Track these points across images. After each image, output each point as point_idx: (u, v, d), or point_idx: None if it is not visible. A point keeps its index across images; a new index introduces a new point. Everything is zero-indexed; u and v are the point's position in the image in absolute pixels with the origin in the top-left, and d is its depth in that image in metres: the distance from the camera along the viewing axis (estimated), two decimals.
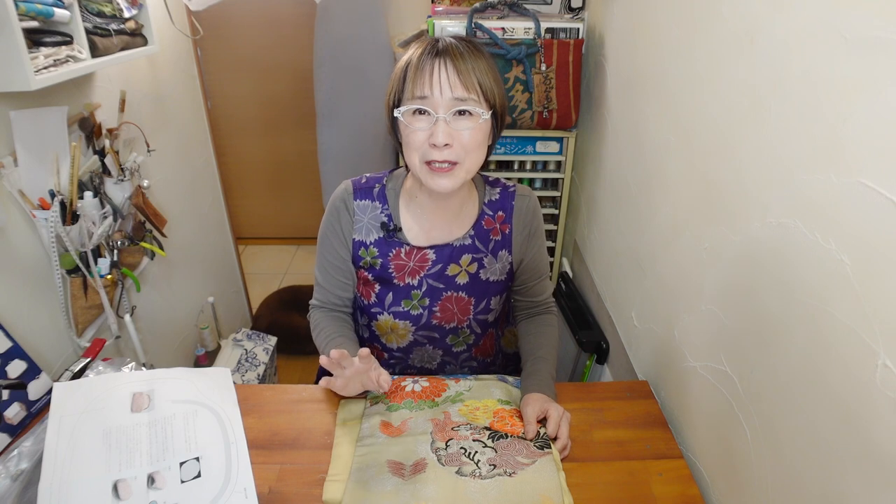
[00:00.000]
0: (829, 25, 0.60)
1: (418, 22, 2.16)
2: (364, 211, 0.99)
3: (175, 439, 0.85)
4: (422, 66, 0.84)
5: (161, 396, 0.90)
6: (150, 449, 0.83)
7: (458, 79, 0.83)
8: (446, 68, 0.83)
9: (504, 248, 1.01)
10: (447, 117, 0.83)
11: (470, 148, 0.86)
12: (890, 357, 0.52)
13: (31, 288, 1.13)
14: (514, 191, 1.02)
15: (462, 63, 0.83)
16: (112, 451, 0.82)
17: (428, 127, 0.84)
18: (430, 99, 0.83)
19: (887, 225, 0.52)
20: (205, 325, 1.96)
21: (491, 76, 0.87)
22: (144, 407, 0.87)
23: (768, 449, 0.71)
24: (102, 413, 0.86)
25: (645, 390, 1.05)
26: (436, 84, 0.83)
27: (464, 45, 0.86)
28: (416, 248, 0.98)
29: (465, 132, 0.84)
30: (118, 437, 0.83)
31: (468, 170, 0.88)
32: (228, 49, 2.86)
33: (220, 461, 0.84)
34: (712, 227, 0.86)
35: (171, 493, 0.79)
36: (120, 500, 0.77)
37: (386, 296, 1.02)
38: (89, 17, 1.17)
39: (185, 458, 0.83)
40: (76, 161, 1.17)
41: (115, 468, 0.80)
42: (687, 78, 0.95)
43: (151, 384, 0.91)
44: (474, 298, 1.02)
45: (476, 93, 0.84)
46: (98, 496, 0.77)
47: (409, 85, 0.85)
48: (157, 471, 0.81)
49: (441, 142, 0.83)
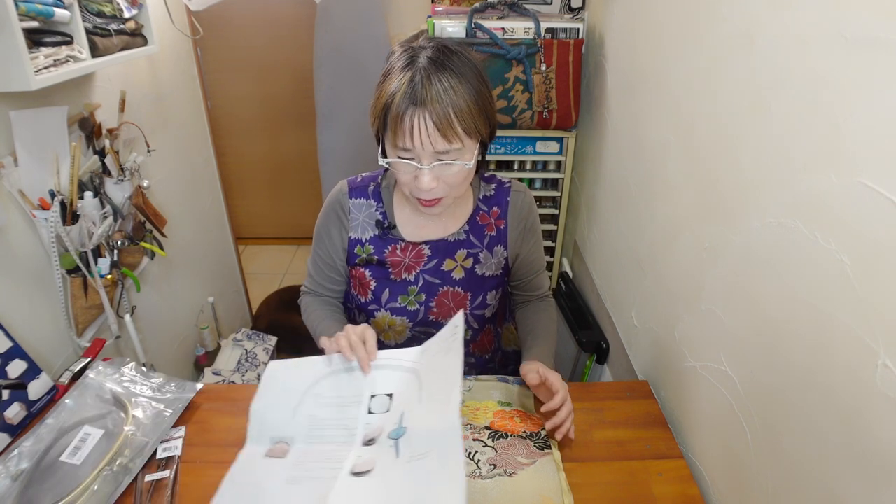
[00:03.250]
0: (829, 25, 0.60)
1: (418, 22, 2.16)
2: (359, 209, 1.00)
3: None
4: (401, 117, 0.79)
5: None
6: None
7: (438, 133, 0.79)
8: (425, 122, 0.79)
9: (499, 244, 1.02)
10: (430, 166, 0.82)
11: (456, 183, 0.86)
12: (890, 357, 0.52)
13: (31, 288, 1.13)
14: (509, 186, 1.03)
15: (441, 111, 0.78)
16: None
17: (413, 171, 0.84)
18: (413, 151, 0.82)
19: (887, 225, 0.52)
20: (205, 325, 1.96)
21: (476, 109, 0.81)
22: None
23: (768, 449, 0.71)
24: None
25: (645, 390, 1.05)
26: (416, 138, 0.80)
27: (444, 75, 0.79)
28: (411, 244, 0.99)
29: (450, 175, 0.85)
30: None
31: (456, 196, 0.90)
32: (228, 49, 2.86)
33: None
34: (712, 227, 0.86)
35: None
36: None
37: (382, 292, 1.02)
38: (89, 17, 1.17)
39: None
40: (76, 161, 1.17)
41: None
42: (687, 78, 0.95)
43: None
44: (470, 293, 1.03)
45: (459, 139, 0.81)
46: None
47: (390, 131, 0.82)
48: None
49: (426, 187, 0.83)
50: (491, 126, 0.88)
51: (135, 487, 0.84)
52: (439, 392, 0.80)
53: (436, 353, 0.85)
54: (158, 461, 0.88)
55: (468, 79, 0.82)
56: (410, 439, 0.78)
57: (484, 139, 0.88)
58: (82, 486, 0.81)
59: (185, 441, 0.92)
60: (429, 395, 0.81)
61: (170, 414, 0.95)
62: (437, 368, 0.83)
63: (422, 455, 0.75)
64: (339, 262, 1.04)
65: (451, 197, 0.89)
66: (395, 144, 0.83)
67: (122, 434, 0.90)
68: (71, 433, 0.90)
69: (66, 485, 0.82)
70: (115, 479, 0.83)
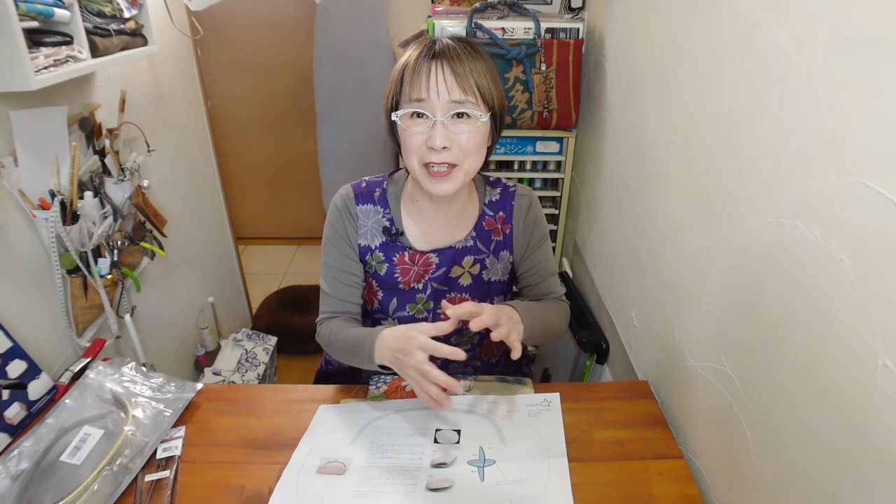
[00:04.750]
0: (829, 25, 0.60)
1: (418, 22, 2.16)
2: (367, 215, 0.98)
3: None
4: (418, 69, 0.83)
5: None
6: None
7: (455, 81, 0.82)
8: (443, 70, 0.82)
9: (505, 249, 1.01)
10: (445, 120, 0.83)
11: (468, 150, 0.85)
12: (890, 357, 0.52)
13: (31, 288, 1.13)
14: (514, 190, 1.02)
15: (459, 65, 0.82)
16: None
17: (426, 130, 0.83)
18: (427, 102, 0.82)
19: (887, 225, 0.52)
20: (205, 325, 1.96)
21: (489, 77, 0.86)
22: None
23: (768, 449, 0.71)
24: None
25: (645, 390, 1.05)
26: (433, 87, 0.82)
27: (461, 46, 0.85)
28: (420, 252, 0.98)
29: (463, 135, 0.84)
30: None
31: (467, 172, 0.87)
32: (228, 49, 2.86)
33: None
34: (712, 227, 0.86)
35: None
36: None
37: (390, 301, 1.01)
38: (89, 17, 1.17)
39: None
40: (76, 161, 1.17)
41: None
42: (687, 78, 0.95)
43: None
44: (477, 299, 1.02)
45: (474, 94, 0.83)
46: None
47: (406, 88, 0.84)
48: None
49: (439, 145, 0.82)
50: (502, 100, 0.90)
51: (135, 487, 0.83)
52: (528, 441, 0.88)
53: (518, 412, 0.94)
54: (158, 461, 0.88)
55: (484, 58, 0.87)
56: (501, 470, 0.83)
57: (495, 112, 0.88)
58: (82, 486, 0.81)
59: (185, 441, 0.92)
60: (516, 441, 0.88)
61: (170, 414, 0.95)
62: (524, 424, 0.92)
63: (515, 482, 0.81)
64: (355, 267, 1.00)
65: (462, 171, 0.86)
66: (409, 98, 0.84)
67: (122, 434, 0.90)
68: (71, 433, 0.90)
69: (66, 485, 0.82)
70: (115, 479, 0.83)
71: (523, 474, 0.82)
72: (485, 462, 0.84)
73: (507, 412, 0.94)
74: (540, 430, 0.90)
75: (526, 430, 0.90)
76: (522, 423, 0.92)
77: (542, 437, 0.89)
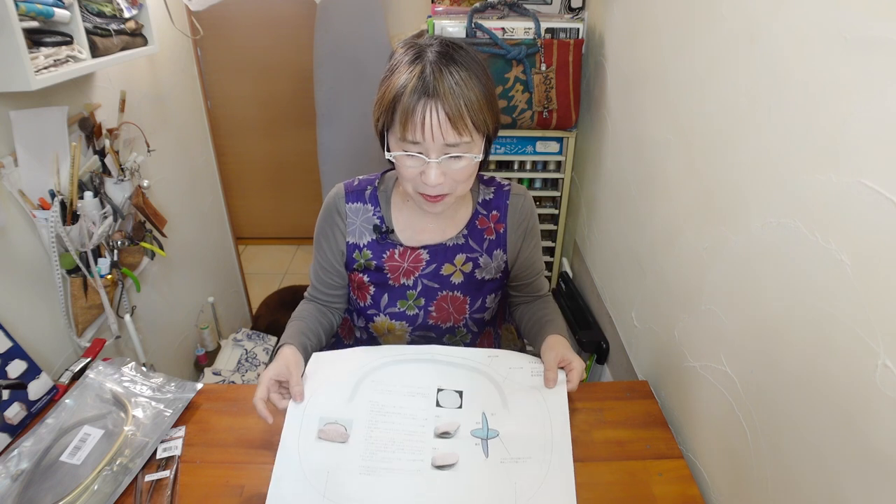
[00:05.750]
0: (829, 25, 0.60)
1: (418, 22, 2.16)
2: (356, 213, 0.99)
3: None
4: (412, 109, 0.78)
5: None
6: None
7: (449, 125, 0.79)
8: (437, 113, 0.78)
9: (499, 248, 1.02)
10: (439, 161, 0.81)
11: (462, 179, 0.85)
12: (890, 357, 0.52)
13: (31, 288, 1.13)
14: (508, 189, 1.02)
15: (453, 102, 0.78)
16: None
17: (420, 165, 0.83)
18: (422, 144, 0.80)
19: (887, 225, 0.52)
20: (205, 325, 1.96)
21: (483, 97, 0.81)
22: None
23: (768, 449, 0.71)
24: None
25: (645, 390, 1.05)
26: (427, 130, 0.79)
27: (452, 68, 0.79)
28: (410, 248, 0.98)
29: (457, 171, 0.84)
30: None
31: (460, 194, 0.88)
32: (228, 49, 2.86)
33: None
34: (712, 227, 0.86)
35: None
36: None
37: (381, 297, 1.02)
38: (89, 17, 1.17)
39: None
40: (76, 161, 1.17)
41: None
42: (687, 78, 0.95)
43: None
44: (469, 297, 1.02)
45: (469, 134, 0.81)
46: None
47: (398, 124, 0.81)
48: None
49: (433, 182, 0.82)
50: (496, 122, 0.88)
51: (135, 487, 0.84)
52: (532, 407, 0.86)
53: (519, 370, 0.91)
54: (158, 461, 0.88)
55: (476, 73, 0.82)
56: (504, 443, 0.82)
57: (489, 135, 0.87)
58: (82, 486, 0.81)
59: (185, 441, 0.92)
60: (519, 407, 0.86)
61: (170, 414, 0.95)
62: (526, 385, 0.90)
63: (519, 459, 0.80)
64: (339, 266, 1.03)
65: (455, 195, 0.87)
66: (403, 138, 0.81)
67: (122, 434, 0.90)
68: (71, 433, 0.90)
69: (66, 485, 0.82)
70: (115, 479, 0.83)
71: (527, 450, 0.81)
72: (488, 434, 0.83)
73: (508, 369, 0.92)
74: (544, 394, 0.88)
75: (528, 392, 0.88)
76: (525, 384, 0.90)
77: (546, 404, 0.87)
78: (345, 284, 1.06)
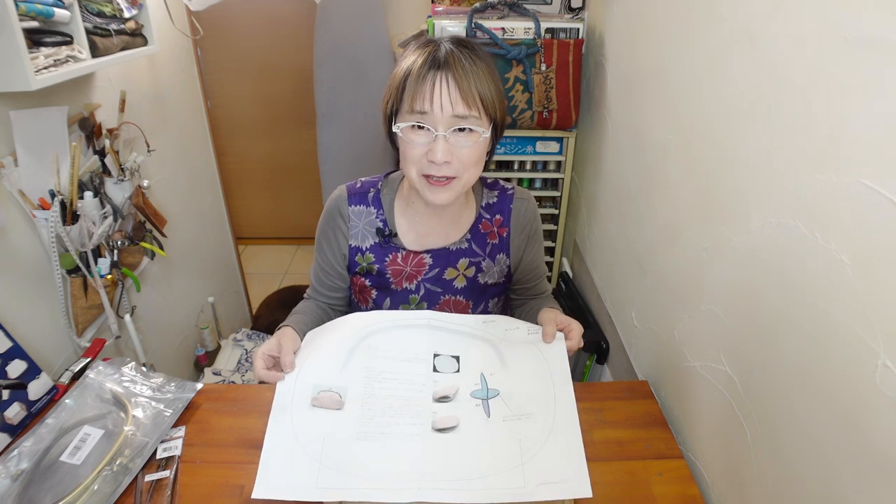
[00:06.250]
0: (829, 25, 0.60)
1: (418, 22, 2.16)
2: (359, 216, 0.98)
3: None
4: (422, 79, 0.80)
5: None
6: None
7: (459, 95, 0.79)
8: (447, 83, 0.79)
9: (502, 252, 1.01)
10: (447, 134, 0.81)
11: (469, 163, 0.84)
12: (890, 357, 0.52)
13: (31, 288, 1.13)
14: (512, 193, 1.01)
15: (464, 76, 0.80)
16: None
17: (427, 142, 0.82)
18: (430, 115, 0.80)
19: (887, 225, 0.52)
20: (205, 325, 1.96)
21: (493, 87, 0.83)
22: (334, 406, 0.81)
23: (768, 449, 0.71)
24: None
25: (645, 390, 1.05)
26: (436, 100, 0.79)
27: (465, 52, 0.82)
28: (413, 252, 0.98)
29: (464, 149, 0.83)
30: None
31: (466, 183, 0.87)
32: (228, 49, 2.86)
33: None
34: (712, 227, 0.86)
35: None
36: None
37: (383, 301, 1.01)
38: (89, 17, 1.17)
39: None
40: (76, 161, 1.17)
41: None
42: (687, 78, 0.95)
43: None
44: (472, 301, 1.02)
45: (477, 109, 0.81)
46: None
47: (407, 97, 0.81)
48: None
49: (440, 160, 0.81)
50: (504, 112, 0.88)
51: (135, 487, 0.84)
52: (531, 363, 0.84)
53: (516, 331, 0.89)
54: (158, 461, 0.88)
55: (487, 63, 0.85)
56: (505, 401, 0.80)
57: (497, 122, 0.87)
58: (82, 486, 0.81)
59: (185, 441, 0.92)
60: (518, 365, 0.84)
61: (170, 414, 0.95)
62: (523, 342, 0.87)
63: (522, 416, 0.78)
64: (340, 269, 1.02)
65: (462, 182, 0.86)
66: (411, 109, 0.81)
67: (122, 434, 0.90)
68: (71, 433, 0.90)
69: (66, 485, 0.82)
70: (115, 479, 0.83)
71: (530, 406, 0.79)
72: (488, 393, 0.81)
73: (504, 330, 0.89)
74: (541, 348, 0.85)
75: (526, 348, 0.86)
76: (523, 341, 0.87)
77: (545, 358, 0.84)
78: (345, 287, 1.05)
